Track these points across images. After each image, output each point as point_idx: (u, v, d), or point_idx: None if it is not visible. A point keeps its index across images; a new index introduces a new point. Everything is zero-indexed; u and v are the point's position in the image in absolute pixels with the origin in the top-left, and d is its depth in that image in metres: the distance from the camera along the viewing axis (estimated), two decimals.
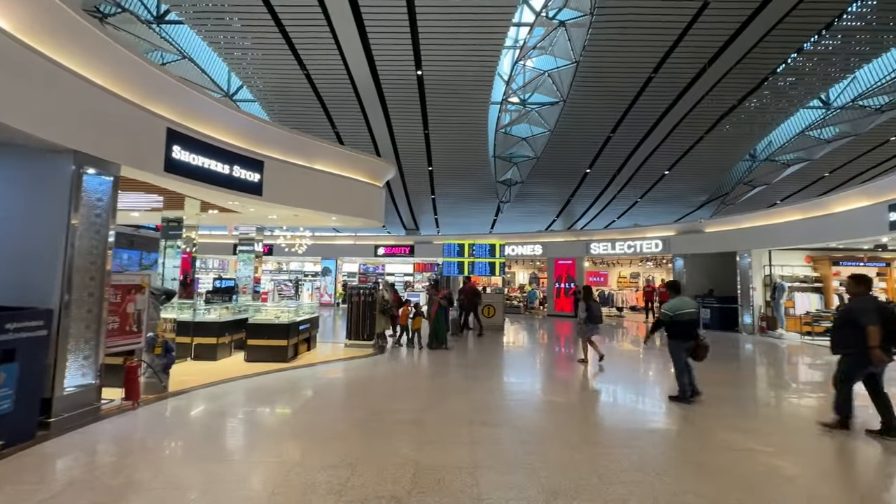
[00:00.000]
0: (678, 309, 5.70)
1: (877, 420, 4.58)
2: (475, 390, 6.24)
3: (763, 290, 13.92)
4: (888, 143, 17.15)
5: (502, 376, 7.55)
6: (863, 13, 10.98)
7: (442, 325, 9.99)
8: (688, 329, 5.60)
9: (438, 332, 9.79)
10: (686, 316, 5.65)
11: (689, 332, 5.61)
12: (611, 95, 14.11)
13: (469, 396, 5.88)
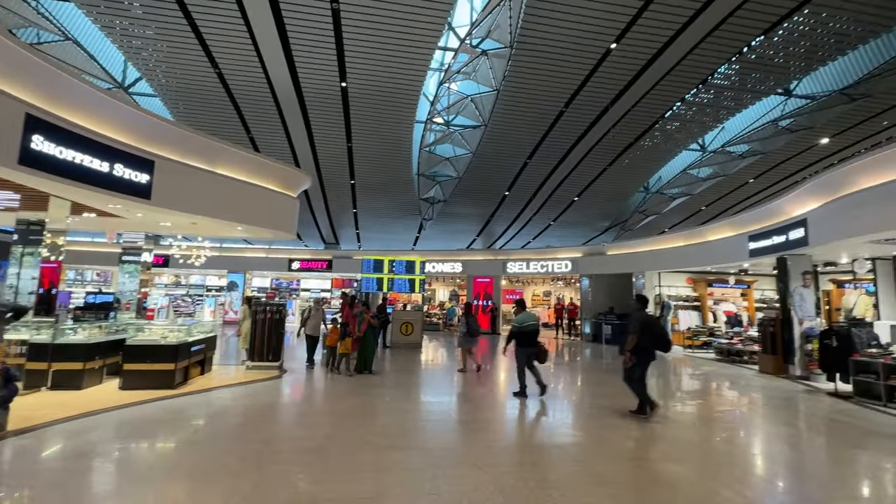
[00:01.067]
0: (523, 322, 6.96)
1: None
2: (386, 412, 6.00)
3: (654, 309, 15.48)
4: (748, 183, 20.34)
5: (414, 396, 7.39)
6: (728, 74, 13.00)
7: (372, 347, 9.13)
8: (530, 338, 6.86)
9: (368, 356, 8.85)
10: (529, 327, 6.93)
11: (531, 341, 6.86)
12: (528, 123, 15.02)
13: (379, 419, 5.63)
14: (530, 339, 6.85)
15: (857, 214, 7.20)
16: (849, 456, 4.85)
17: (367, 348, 8.87)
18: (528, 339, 6.83)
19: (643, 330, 5.76)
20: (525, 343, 6.88)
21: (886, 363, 6.92)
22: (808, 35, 11.19)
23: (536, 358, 7.00)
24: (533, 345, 6.89)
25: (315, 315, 9.70)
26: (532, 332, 6.92)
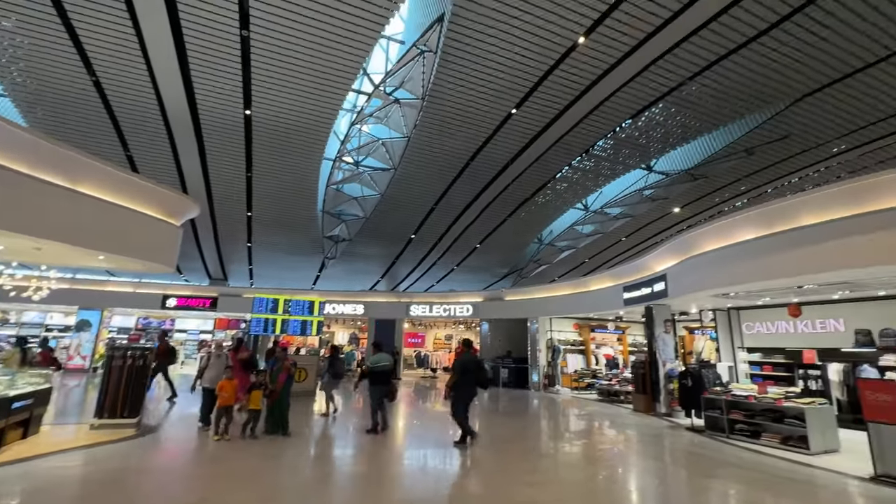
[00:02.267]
0: (377, 362, 7.63)
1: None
2: (267, 472, 5.32)
3: (546, 352, 16.50)
4: (621, 241, 23.40)
5: (300, 450, 6.71)
6: (605, 148, 15.19)
7: (287, 402, 7.46)
8: (384, 377, 7.50)
9: (283, 413, 7.28)
10: (381, 367, 7.56)
11: (384, 380, 7.51)
12: (436, 171, 15.67)
13: (258, 482, 4.96)
14: (383, 378, 7.49)
15: (701, 273, 8.64)
16: (703, 484, 5.49)
17: (282, 404, 7.34)
18: (380, 379, 7.46)
19: (462, 370, 6.73)
20: (378, 382, 7.47)
21: (727, 399, 8.15)
22: (662, 124, 13.62)
23: (387, 396, 7.75)
24: (385, 384, 7.56)
25: (216, 363, 7.80)
26: (385, 371, 7.60)
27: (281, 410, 7.30)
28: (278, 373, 7.51)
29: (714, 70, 11.13)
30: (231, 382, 7.09)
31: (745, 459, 6.53)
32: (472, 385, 6.82)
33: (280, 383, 7.38)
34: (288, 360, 7.92)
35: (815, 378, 9.48)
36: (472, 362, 6.96)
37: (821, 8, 9.16)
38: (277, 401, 7.32)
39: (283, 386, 7.39)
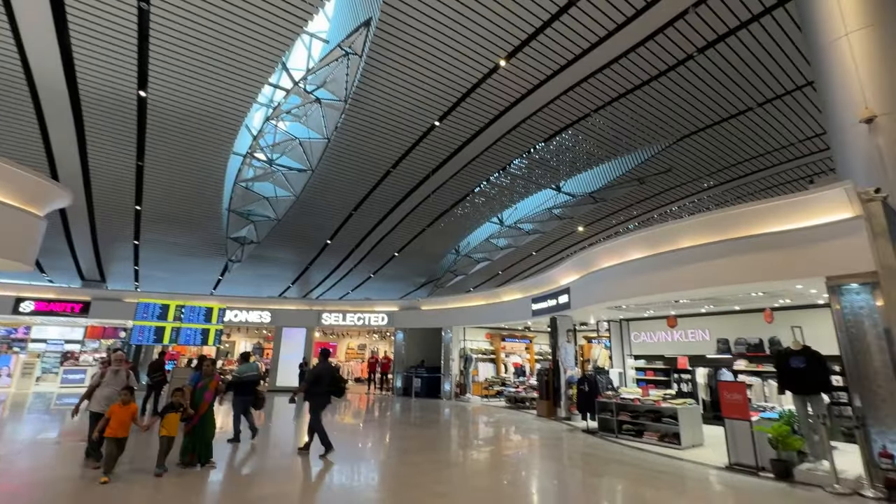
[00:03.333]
0: (243, 372, 7.80)
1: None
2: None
3: (459, 361, 16.83)
4: (532, 255, 24.88)
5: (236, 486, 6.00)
6: (521, 167, 16.13)
7: (212, 424, 6.28)
8: (249, 387, 7.65)
9: (207, 440, 6.06)
10: (248, 378, 7.73)
11: (249, 390, 7.65)
12: (356, 177, 15.31)
13: None
14: (248, 388, 7.66)
15: (599, 287, 9.49)
16: (595, 483, 5.96)
17: (206, 429, 6.07)
18: (245, 389, 7.63)
19: (315, 380, 6.95)
20: (242, 392, 7.65)
21: (617, 402, 8.99)
22: (571, 149, 14.83)
23: (253, 405, 7.82)
24: (250, 394, 7.71)
25: (112, 381, 6.01)
26: (250, 381, 7.77)
27: (205, 437, 6.02)
28: (203, 392, 6.21)
29: (615, 105, 12.44)
30: (128, 409, 5.45)
31: (629, 456, 7.23)
32: (326, 394, 7.10)
33: (206, 404, 6.15)
34: (216, 378, 6.51)
35: (686, 381, 10.87)
36: (327, 371, 7.17)
37: (700, 63, 10.72)
38: (200, 425, 5.98)
39: (209, 407, 6.18)
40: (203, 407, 6.13)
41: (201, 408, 6.10)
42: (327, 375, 7.10)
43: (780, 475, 5.83)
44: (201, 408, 6.10)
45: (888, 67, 7.04)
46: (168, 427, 5.65)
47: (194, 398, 6.14)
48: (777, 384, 7.05)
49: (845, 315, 5.69)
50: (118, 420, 5.33)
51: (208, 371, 6.49)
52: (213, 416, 6.30)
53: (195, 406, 6.08)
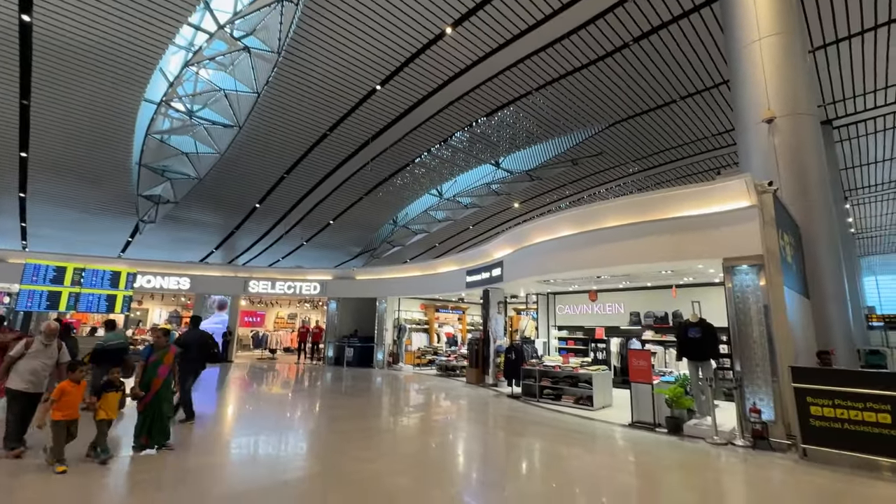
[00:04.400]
0: (108, 340, 7.46)
1: None
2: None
3: (392, 331, 16.94)
4: (469, 228, 25.31)
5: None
6: (462, 140, 16.11)
7: (169, 402, 5.60)
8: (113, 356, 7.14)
9: (164, 420, 5.39)
10: (114, 346, 7.36)
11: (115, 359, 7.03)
12: (290, 138, 14.37)
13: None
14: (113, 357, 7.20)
15: (529, 261, 9.93)
16: (516, 442, 6.41)
17: (163, 407, 5.38)
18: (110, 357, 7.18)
19: (185, 346, 6.78)
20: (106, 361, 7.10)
21: (540, 370, 9.63)
22: (511, 126, 15.04)
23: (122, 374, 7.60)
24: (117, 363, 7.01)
25: (40, 353, 5.07)
26: (117, 350, 7.36)
27: (161, 417, 5.32)
28: (156, 366, 5.41)
29: (555, 86, 12.72)
30: (79, 387, 4.73)
31: (547, 418, 7.84)
32: (196, 361, 7.06)
33: (160, 380, 5.38)
34: (172, 351, 5.66)
35: (602, 350, 11.88)
36: (194, 339, 7.11)
37: (634, 53, 11.21)
38: (155, 404, 5.28)
39: (163, 383, 5.42)
40: (156, 384, 5.35)
41: (154, 385, 5.34)
42: (195, 343, 7.05)
43: (672, 430, 6.65)
44: (154, 385, 5.34)
45: (790, 73, 7.87)
46: (106, 408, 4.88)
47: (145, 375, 5.35)
48: (676, 352, 7.94)
49: (735, 292, 6.48)
50: (70, 401, 4.62)
51: (161, 343, 5.59)
52: (171, 394, 5.59)
53: (147, 384, 5.30)
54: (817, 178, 7.85)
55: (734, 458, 5.53)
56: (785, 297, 6.16)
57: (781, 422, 5.83)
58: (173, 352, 5.68)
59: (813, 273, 7.71)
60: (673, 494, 4.46)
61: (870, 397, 5.01)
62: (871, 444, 4.94)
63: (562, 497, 4.18)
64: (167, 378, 5.48)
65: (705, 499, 4.34)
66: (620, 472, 5.08)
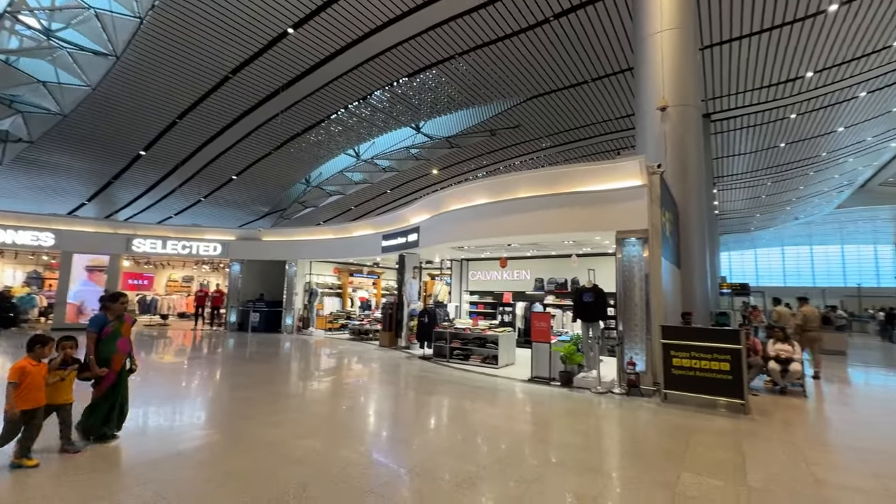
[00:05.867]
0: None
1: None
2: None
3: (303, 295, 16.33)
4: (386, 193, 24.85)
5: None
6: (382, 99, 15.49)
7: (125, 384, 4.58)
8: None
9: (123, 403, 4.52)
10: None
11: None
12: (183, 77, 12.59)
13: None
14: None
15: (446, 228, 10.10)
16: (425, 400, 6.70)
17: (122, 389, 4.49)
18: None
19: None
20: None
21: (451, 332, 10.05)
22: (433, 90, 14.78)
23: None
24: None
25: None
26: None
27: (122, 399, 4.48)
28: (115, 339, 4.41)
29: (478, 53, 12.67)
30: (39, 367, 3.83)
31: (456, 377, 8.28)
32: None
33: (122, 356, 4.43)
34: (128, 321, 4.65)
35: (508, 313, 12.71)
36: None
37: (554, 29, 11.51)
38: (117, 385, 4.40)
39: (126, 360, 4.49)
40: (118, 361, 4.39)
41: (115, 362, 4.37)
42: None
43: (564, 383, 7.45)
44: (115, 362, 4.37)
45: (683, 67, 8.72)
46: (62, 391, 4.02)
47: (100, 350, 4.33)
48: (572, 314, 8.78)
49: (623, 262, 7.29)
50: (33, 383, 3.75)
51: (118, 309, 4.53)
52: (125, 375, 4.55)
53: (104, 360, 4.33)
54: (696, 165, 8.97)
55: (612, 403, 6.39)
56: (662, 267, 7.09)
57: (651, 372, 6.84)
58: (129, 321, 4.67)
59: (685, 247, 8.95)
60: (560, 437, 5.05)
61: (715, 350, 6.07)
62: (713, 387, 6.04)
63: (466, 447, 4.50)
64: (129, 354, 4.52)
65: (586, 439, 4.99)
66: (518, 422, 5.60)
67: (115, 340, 4.42)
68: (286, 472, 3.71)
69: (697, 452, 4.43)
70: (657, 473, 3.84)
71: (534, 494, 3.39)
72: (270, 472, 3.70)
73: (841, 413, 6.50)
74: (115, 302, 4.56)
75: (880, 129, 17.98)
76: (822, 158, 20.44)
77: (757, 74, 13.30)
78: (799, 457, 4.39)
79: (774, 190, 25.10)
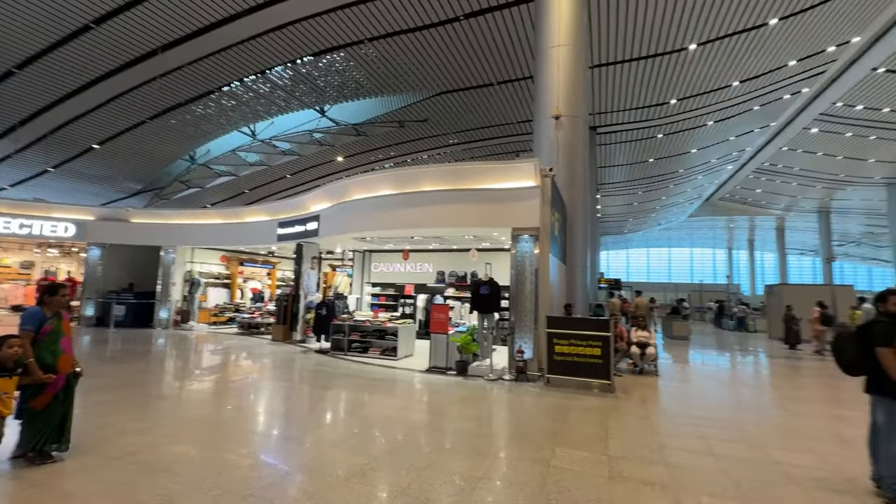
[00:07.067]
0: None
1: None
2: None
3: (182, 286, 14.58)
4: (286, 178, 23.29)
5: None
6: (284, 77, 14.40)
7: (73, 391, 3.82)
8: None
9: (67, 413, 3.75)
10: None
11: None
12: (26, 15, 10.30)
13: None
14: None
15: (348, 217, 9.80)
16: (320, 395, 6.46)
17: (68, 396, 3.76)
18: None
19: None
20: None
21: (350, 324, 9.81)
22: (341, 73, 14.18)
23: None
24: None
25: None
26: None
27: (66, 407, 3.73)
28: (57, 338, 3.69)
29: (388, 42, 12.45)
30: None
31: (353, 370, 8.13)
32: None
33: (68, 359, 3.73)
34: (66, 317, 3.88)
35: (410, 305, 12.81)
36: None
37: (464, 29, 11.75)
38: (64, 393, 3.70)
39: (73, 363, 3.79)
40: (66, 364, 3.69)
41: (62, 365, 3.65)
42: None
43: (460, 372, 7.75)
44: (62, 365, 3.65)
45: (575, 80, 9.54)
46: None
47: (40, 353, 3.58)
48: (470, 306, 9.16)
49: (517, 257, 7.79)
50: None
51: (58, 303, 3.81)
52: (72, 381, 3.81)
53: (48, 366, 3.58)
54: (582, 171, 9.93)
55: (501, 389, 6.83)
56: (550, 263, 7.73)
57: (536, 359, 7.44)
58: (67, 318, 3.92)
59: (570, 245, 9.87)
60: (453, 424, 5.25)
61: (589, 337, 6.82)
62: (587, 370, 6.79)
63: (362, 440, 4.44)
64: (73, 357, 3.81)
65: (477, 424, 5.26)
66: (413, 412, 5.70)
67: (59, 340, 3.73)
68: (150, 483, 3.29)
69: (571, 429, 4.94)
70: (536, 451, 4.20)
71: (423, 481, 3.48)
72: (128, 485, 3.25)
73: (682, 388, 7.77)
74: (54, 294, 3.82)
75: (721, 153, 21.76)
76: (679, 174, 24.09)
77: (635, 96, 15.14)
78: (648, 427, 5.15)
79: (644, 199, 28.94)
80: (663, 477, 3.70)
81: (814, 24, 11.60)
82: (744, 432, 5.08)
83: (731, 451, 4.37)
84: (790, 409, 6.41)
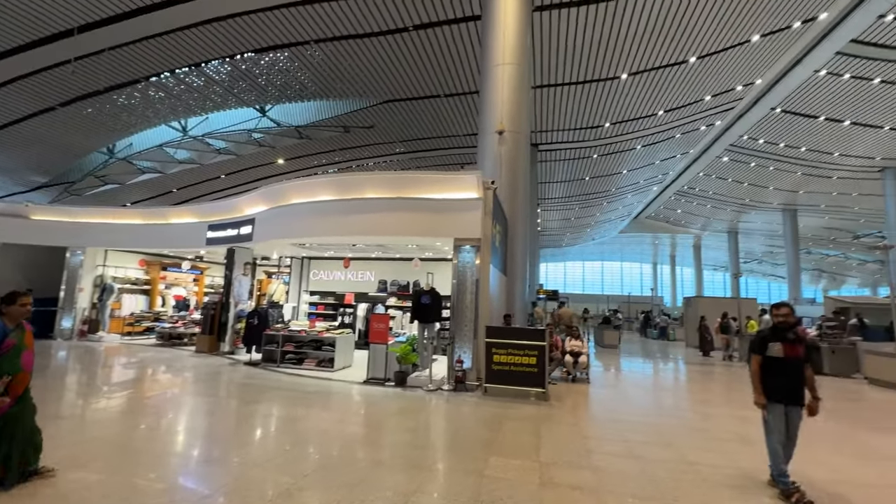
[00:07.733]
0: None
1: None
2: None
3: (92, 292, 13.12)
4: (220, 178, 21.93)
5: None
6: (220, 71, 13.60)
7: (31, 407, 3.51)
8: None
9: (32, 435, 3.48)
10: None
11: None
12: None
13: None
14: None
15: (285, 222, 9.39)
16: (249, 411, 6.05)
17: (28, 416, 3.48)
18: None
19: None
20: None
21: (284, 334, 9.35)
22: (284, 73, 13.69)
23: None
24: None
25: None
26: None
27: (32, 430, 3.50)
28: (19, 352, 3.34)
29: (335, 45, 12.23)
30: None
31: (286, 382, 7.72)
32: None
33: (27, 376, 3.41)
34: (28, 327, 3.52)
35: (349, 314, 12.47)
36: None
37: (413, 40, 11.83)
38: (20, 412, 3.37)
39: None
40: (23, 381, 3.38)
41: (19, 383, 3.33)
42: None
43: (399, 382, 7.63)
44: (19, 383, 3.33)
45: (518, 98, 9.91)
46: None
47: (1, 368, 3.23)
48: (410, 315, 9.09)
49: (459, 267, 7.88)
50: None
51: (19, 313, 3.42)
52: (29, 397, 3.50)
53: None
54: (524, 186, 10.29)
55: (440, 399, 6.81)
56: (490, 273, 7.89)
57: (475, 368, 7.52)
58: (30, 329, 3.54)
59: (511, 256, 10.15)
60: (389, 437, 5.14)
61: (526, 346, 7.03)
62: (524, 379, 6.96)
63: (293, 457, 4.20)
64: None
65: (414, 436, 5.19)
66: (350, 425, 5.51)
67: (20, 355, 3.37)
68: None
69: (506, 438, 5.03)
70: (470, 462, 4.22)
71: (354, 498, 3.35)
72: None
73: (610, 394, 8.21)
74: (12, 304, 3.40)
75: (648, 175, 23.63)
76: (612, 193, 25.79)
77: (573, 117, 16.04)
78: (578, 433, 5.37)
79: (581, 214, 30.60)
80: (590, 481, 3.87)
81: (726, 64, 13.03)
82: (662, 435, 5.46)
83: (651, 454, 4.66)
84: (701, 412, 6.99)
